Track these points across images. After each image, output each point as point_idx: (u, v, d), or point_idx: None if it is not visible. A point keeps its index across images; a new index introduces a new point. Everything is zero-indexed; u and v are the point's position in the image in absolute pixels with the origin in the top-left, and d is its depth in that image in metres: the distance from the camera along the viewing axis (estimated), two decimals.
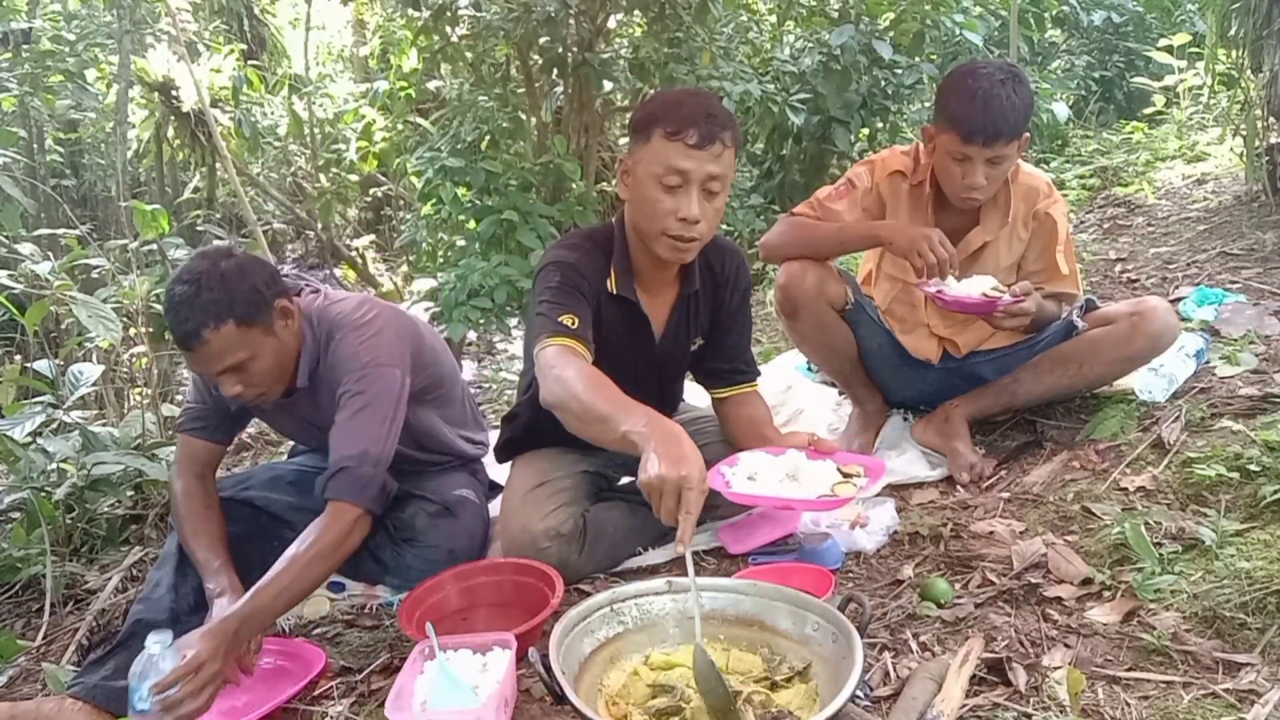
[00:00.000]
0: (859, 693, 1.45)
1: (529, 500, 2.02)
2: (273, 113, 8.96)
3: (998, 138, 2.12)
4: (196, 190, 8.63)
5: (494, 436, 2.49)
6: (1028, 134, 2.24)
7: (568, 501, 2.03)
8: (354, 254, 9.07)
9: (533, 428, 2.19)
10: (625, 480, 2.27)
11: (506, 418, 2.31)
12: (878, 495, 2.23)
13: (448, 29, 5.66)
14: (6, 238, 2.88)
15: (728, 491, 1.87)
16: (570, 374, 1.69)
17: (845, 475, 1.92)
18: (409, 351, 2.00)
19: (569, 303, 1.86)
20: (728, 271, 2.12)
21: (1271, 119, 3.99)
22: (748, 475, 1.92)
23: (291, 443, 2.44)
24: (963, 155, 2.16)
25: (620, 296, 1.98)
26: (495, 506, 2.26)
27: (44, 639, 2.17)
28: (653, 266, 1.99)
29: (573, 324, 1.82)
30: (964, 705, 1.42)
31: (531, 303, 1.96)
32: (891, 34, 6.12)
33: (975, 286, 2.19)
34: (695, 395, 2.53)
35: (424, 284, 5.73)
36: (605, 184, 6.35)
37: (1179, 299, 3.06)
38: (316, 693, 1.74)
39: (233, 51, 7.94)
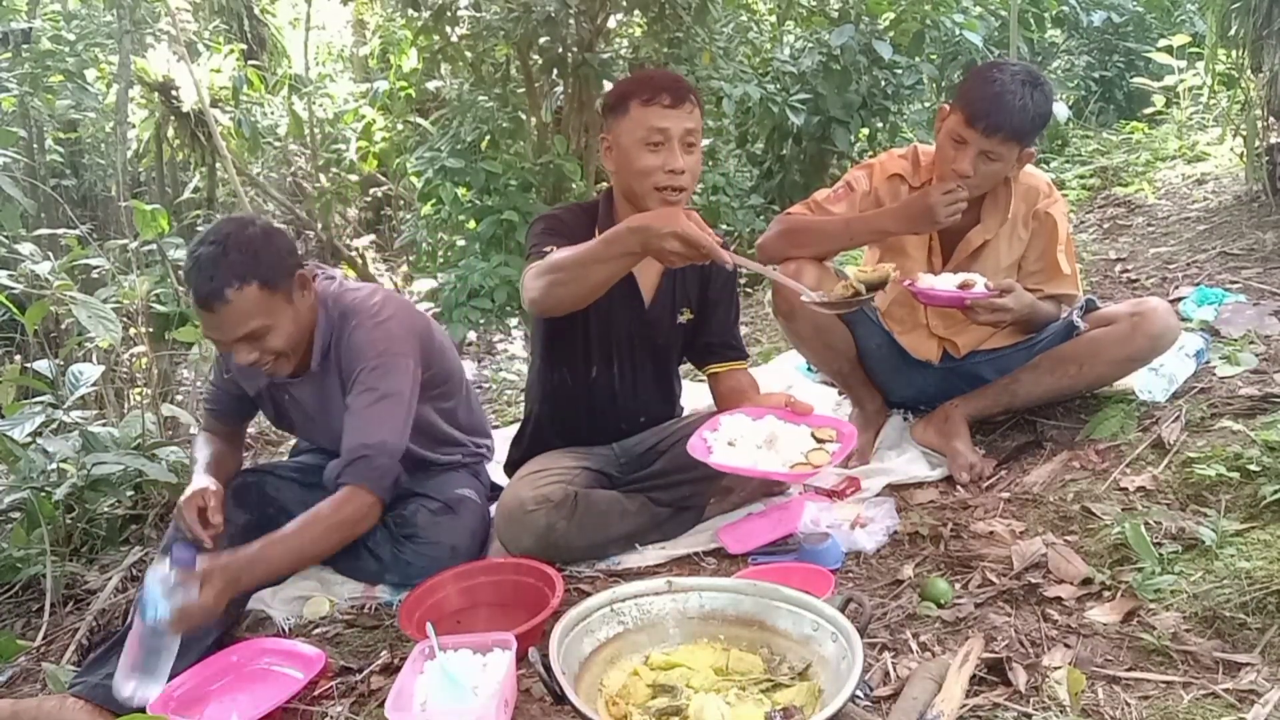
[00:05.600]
0: (859, 693, 1.45)
1: (526, 479, 2.11)
2: (273, 113, 8.95)
3: (998, 130, 2.13)
4: (196, 190, 8.62)
5: (496, 437, 2.50)
6: (1032, 151, 2.25)
7: (562, 480, 2.10)
8: (354, 254, 9.06)
9: (538, 439, 2.29)
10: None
11: (515, 439, 2.40)
12: (877, 495, 2.24)
13: (448, 29, 5.66)
14: (6, 238, 2.88)
15: (709, 459, 1.91)
16: (545, 260, 1.89)
17: (819, 441, 1.97)
18: (419, 343, 2.05)
19: (552, 240, 2.00)
20: None
21: (1271, 119, 3.99)
22: (728, 440, 1.96)
23: (293, 442, 2.44)
24: (960, 138, 2.17)
25: None
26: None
27: (44, 639, 2.17)
28: None
29: (552, 250, 1.95)
30: (964, 705, 1.42)
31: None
32: (891, 34, 6.12)
33: (953, 281, 2.21)
34: (695, 398, 2.53)
35: (424, 284, 5.73)
36: (605, 183, 6.35)
37: (1179, 299, 3.06)
38: (316, 693, 1.74)
39: (233, 51, 7.93)
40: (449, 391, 2.26)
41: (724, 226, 6.21)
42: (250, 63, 8.32)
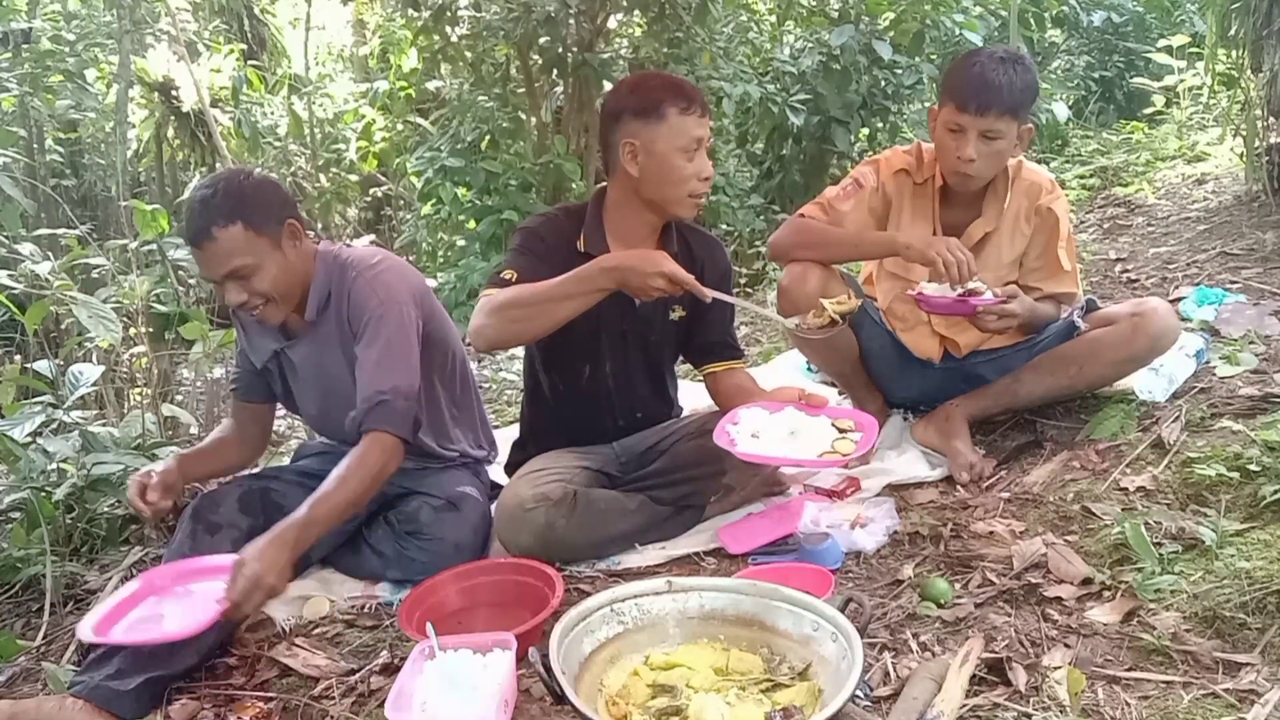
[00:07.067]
0: (859, 693, 1.45)
1: (525, 478, 2.12)
2: (273, 113, 8.97)
3: (989, 108, 2.14)
4: None
5: (496, 437, 2.50)
6: (1030, 126, 2.26)
7: (562, 479, 2.11)
8: None
9: (537, 440, 2.30)
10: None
11: (515, 441, 2.41)
12: (877, 495, 2.24)
13: (448, 29, 5.67)
14: (6, 238, 2.87)
15: (735, 450, 1.90)
16: (500, 294, 1.96)
17: (840, 430, 1.95)
18: (418, 291, 2.14)
19: (516, 262, 2.07)
20: (701, 255, 2.23)
21: (1271, 119, 3.99)
22: (751, 433, 1.95)
23: (295, 444, 2.44)
24: (956, 125, 2.18)
25: (588, 254, 2.10)
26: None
27: (44, 639, 2.17)
28: (639, 232, 2.13)
29: (511, 277, 2.02)
30: (964, 705, 1.42)
31: None
32: (891, 34, 6.12)
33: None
34: (694, 398, 2.53)
35: None
36: (605, 183, 6.35)
37: (1179, 299, 3.06)
38: (316, 692, 1.74)
39: (233, 51, 7.94)
40: (450, 367, 2.28)
41: (724, 226, 6.22)
42: (250, 63, 8.34)
